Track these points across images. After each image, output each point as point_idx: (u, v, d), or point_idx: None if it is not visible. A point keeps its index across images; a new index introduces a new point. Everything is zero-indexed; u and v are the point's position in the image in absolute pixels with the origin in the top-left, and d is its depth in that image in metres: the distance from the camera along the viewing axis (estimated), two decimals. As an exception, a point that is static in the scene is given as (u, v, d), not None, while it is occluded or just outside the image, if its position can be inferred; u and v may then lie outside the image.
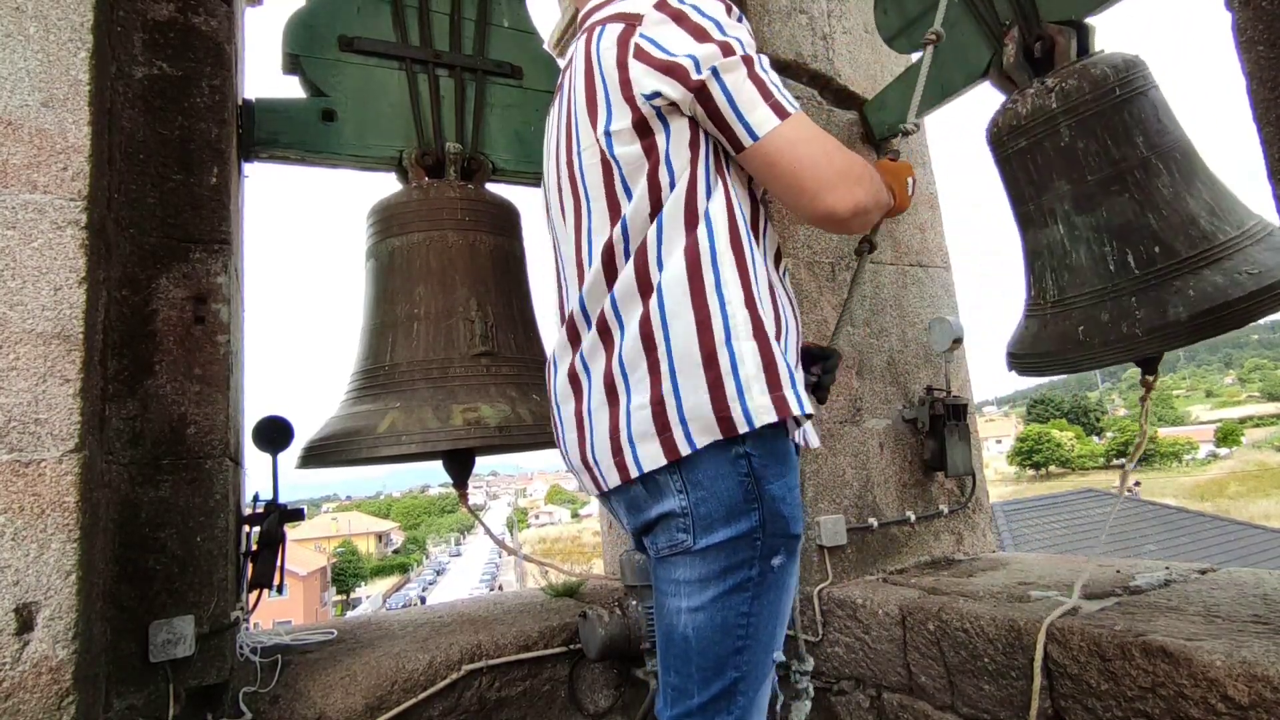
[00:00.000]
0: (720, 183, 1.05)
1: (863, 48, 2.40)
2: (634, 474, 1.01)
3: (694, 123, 1.04)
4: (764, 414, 0.97)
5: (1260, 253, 1.27)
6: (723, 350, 0.98)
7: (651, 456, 0.99)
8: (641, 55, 1.01)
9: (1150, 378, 1.48)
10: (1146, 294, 1.34)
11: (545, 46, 2.33)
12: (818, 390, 1.29)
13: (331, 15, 1.99)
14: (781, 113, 1.01)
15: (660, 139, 1.02)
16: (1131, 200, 1.39)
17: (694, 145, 1.03)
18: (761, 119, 1.00)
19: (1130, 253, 1.38)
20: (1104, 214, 1.42)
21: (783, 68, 2.03)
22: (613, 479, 1.05)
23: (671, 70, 0.99)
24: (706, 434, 0.97)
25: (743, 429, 0.96)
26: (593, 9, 1.15)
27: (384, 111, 2.02)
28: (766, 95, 1.01)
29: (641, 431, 1.00)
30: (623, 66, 1.02)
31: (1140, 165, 1.39)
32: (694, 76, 0.99)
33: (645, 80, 1.00)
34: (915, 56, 2.13)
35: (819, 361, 1.28)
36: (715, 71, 0.99)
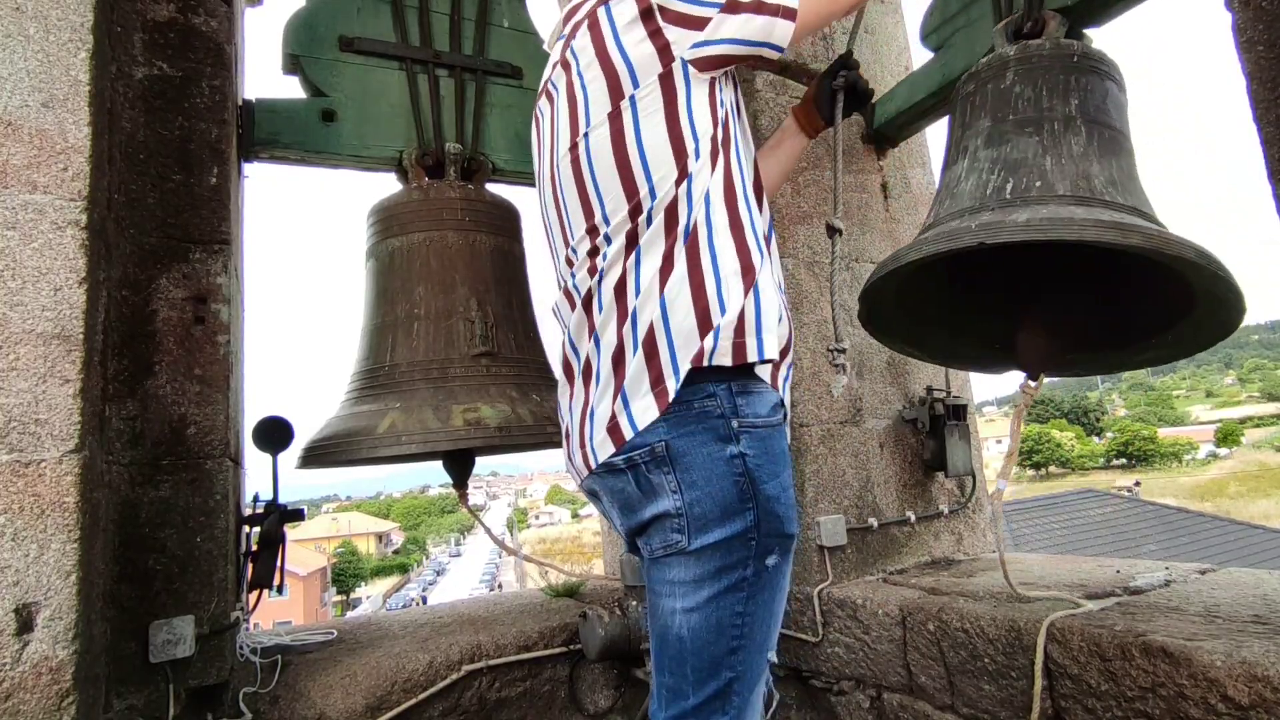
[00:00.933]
0: (723, 151, 1.10)
1: (863, 48, 2.40)
2: (628, 435, 1.02)
3: (712, 93, 1.09)
4: (725, 357, 1.01)
5: (1132, 216, 1.22)
6: (714, 301, 1.02)
7: (644, 410, 1.01)
8: (669, 15, 1.06)
9: (1033, 384, 1.46)
10: (1005, 210, 1.27)
11: (545, 46, 2.33)
12: (855, 94, 1.40)
13: (331, 15, 1.99)
14: None
15: (681, 100, 1.07)
16: (1038, 143, 1.35)
17: (712, 106, 1.09)
18: None
19: (1011, 182, 1.33)
20: (1007, 149, 1.37)
21: (783, 68, 2.03)
22: (605, 451, 1.05)
23: (703, 20, 1.06)
24: (685, 366, 1.00)
25: (706, 362, 1.00)
26: (576, 6, 1.17)
27: (384, 112, 2.02)
28: None
29: (635, 389, 1.01)
30: (656, 34, 1.06)
31: (1063, 120, 1.35)
32: (725, 4, 1.07)
33: (684, 39, 1.06)
34: (929, 55, 2.11)
35: (837, 71, 1.40)
36: None
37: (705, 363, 0.99)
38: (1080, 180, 1.28)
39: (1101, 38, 1.57)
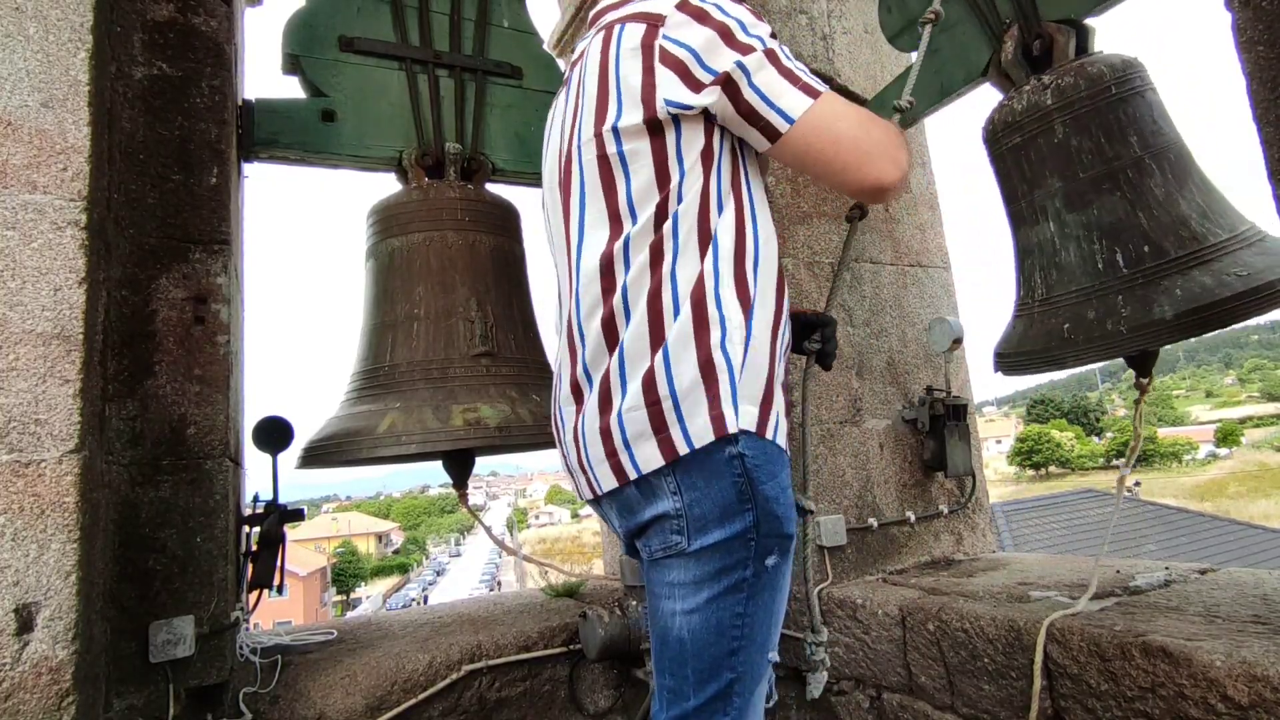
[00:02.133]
0: (733, 192, 1.06)
1: (863, 48, 2.40)
2: (631, 476, 1.01)
3: (709, 129, 1.04)
4: (748, 421, 0.99)
5: (1250, 256, 1.26)
6: (718, 354, 0.99)
7: (649, 458, 0.99)
8: (668, 60, 1.01)
9: (1145, 380, 1.48)
10: (1133, 293, 1.32)
11: (545, 46, 2.33)
12: (822, 358, 1.34)
13: (331, 15, 1.99)
14: (812, 93, 1.02)
15: (670, 140, 1.03)
16: (1123, 199, 1.38)
17: (707, 154, 1.04)
18: (793, 103, 1.02)
19: (1119, 251, 1.37)
20: (1095, 212, 1.41)
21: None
22: (608, 482, 1.05)
23: (698, 82, 1.00)
24: (703, 435, 0.97)
25: (732, 429, 0.97)
26: (607, 7, 1.15)
27: (384, 112, 2.02)
28: (795, 81, 1.03)
29: (637, 433, 1.00)
30: (649, 70, 1.02)
31: (1133, 164, 1.38)
32: (720, 76, 1.00)
33: (671, 87, 1.01)
34: (915, 56, 2.12)
35: (816, 329, 1.32)
36: (743, 68, 1.00)
37: (713, 436, 0.97)
38: (1181, 230, 1.32)
39: (1105, 28, 1.58)
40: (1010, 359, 1.56)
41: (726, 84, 1.00)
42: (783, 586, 1.05)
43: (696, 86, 1.00)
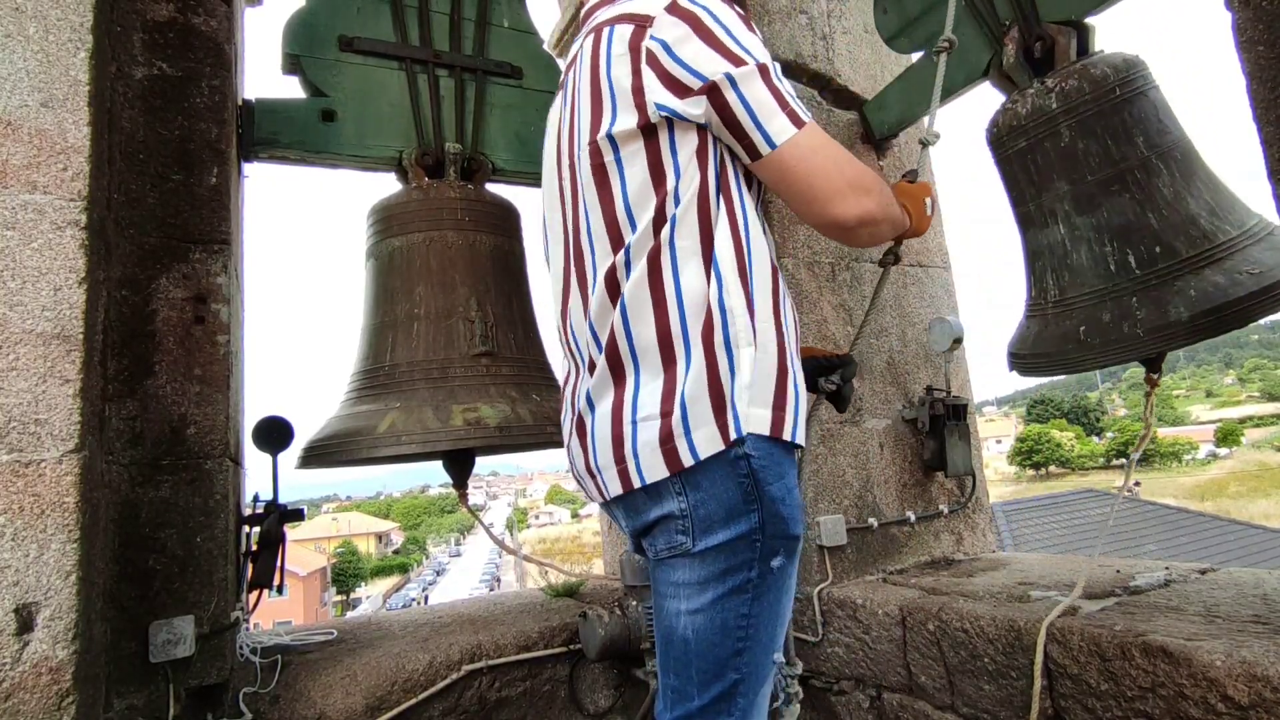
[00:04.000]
0: (723, 194, 1.05)
1: (862, 48, 2.40)
2: (636, 484, 1.01)
3: (702, 131, 1.03)
4: (759, 425, 0.98)
5: (1261, 252, 1.27)
6: (722, 357, 0.99)
7: (654, 468, 0.99)
8: (654, 63, 1.00)
9: (1155, 375, 1.49)
10: (1147, 294, 1.34)
11: (545, 46, 2.33)
12: (837, 399, 1.29)
13: (331, 15, 1.99)
14: (798, 122, 1.02)
15: (665, 144, 1.02)
16: (1132, 200, 1.39)
17: (702, 155, 1.03)
18: (779, 128, 1.01)
19: (1131, 253, 1.38)
20: (1104, 214, 1.42)
21: (782, 68, 2.03)
22: (614, 488, 1.05)
23: (686, 88, 0.99)
24: (709, 445, 0.97)
25: (734, 435, 0.97)
26: (596, 6, 1.15)
27: (384, 111, 2.02)
28: (783, 105, 1.02)
29: (646, 443, 1.00)
30: (636, 73, 1.01)
31: (1140, 165, 1.39)
32: (707, 84, 0.99)
33: (659, 92, 1.00)
34: (915, 56, 2.12)
35: (836, 370, 1.28)
36: (732, 81, 0.99)
37: (722, 445, 0.97)
38: (1191, 229, 1.33)
39: (1105, 28, 1.58)
40: (1026, 360, 1.56)
41: (712, 93, 0.99)
42: (788, 588, 1.05)
43: (683, 92, 0.99)
